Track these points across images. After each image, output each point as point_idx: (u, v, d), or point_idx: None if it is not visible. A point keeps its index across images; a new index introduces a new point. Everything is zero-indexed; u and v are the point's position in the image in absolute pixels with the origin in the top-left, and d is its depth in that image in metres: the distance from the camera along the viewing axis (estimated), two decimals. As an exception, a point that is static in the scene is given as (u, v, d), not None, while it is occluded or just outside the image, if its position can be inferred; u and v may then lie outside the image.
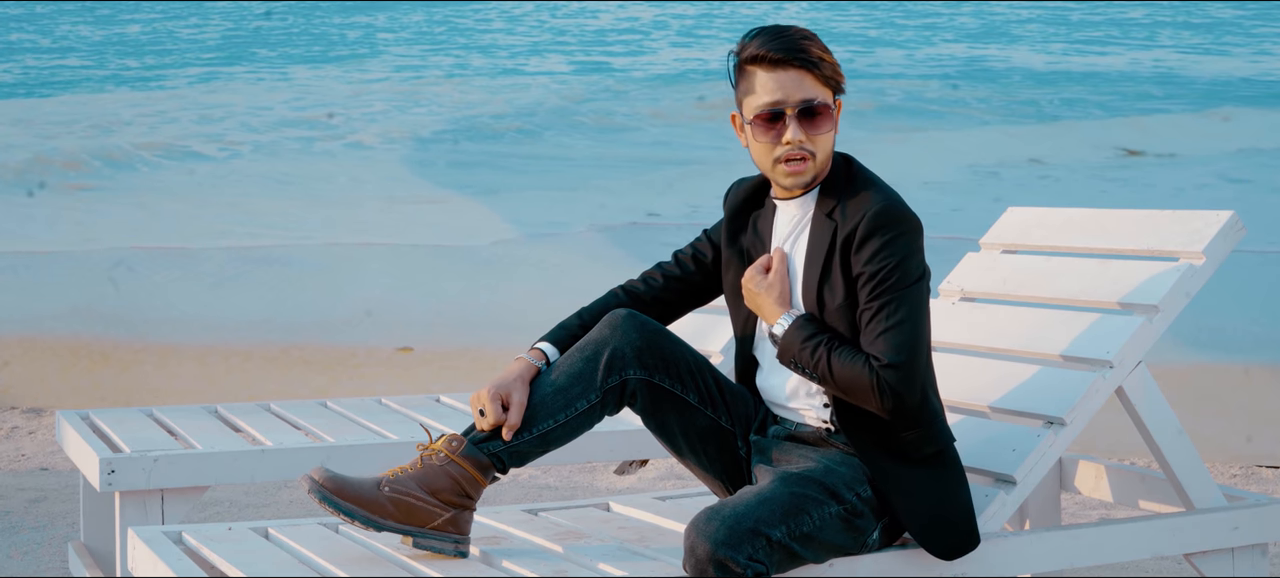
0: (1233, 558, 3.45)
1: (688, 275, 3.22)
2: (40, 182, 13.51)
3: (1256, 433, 6.52)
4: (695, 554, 2.74)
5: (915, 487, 2.97)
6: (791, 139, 2.96)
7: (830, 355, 2.91)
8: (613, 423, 3.83)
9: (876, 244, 2.91)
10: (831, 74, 2.98)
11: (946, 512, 2.98)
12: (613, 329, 3.01)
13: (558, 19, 24.38)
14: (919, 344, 2.91)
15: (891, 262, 2.91)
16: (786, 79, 2.96)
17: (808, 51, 2.96)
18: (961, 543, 3.01)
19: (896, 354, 2.88)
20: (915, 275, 2.93)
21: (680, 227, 11.22)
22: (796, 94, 2.96)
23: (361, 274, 10.27)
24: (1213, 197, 12.06)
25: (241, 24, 24.80)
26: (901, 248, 2.92)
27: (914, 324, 2.90)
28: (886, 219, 2.92)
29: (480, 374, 7.38)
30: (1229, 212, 3.43)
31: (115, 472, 3.69)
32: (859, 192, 2.97)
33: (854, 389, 2.90)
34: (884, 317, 2.89)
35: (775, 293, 2.99)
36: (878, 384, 2.88)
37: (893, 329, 2.89)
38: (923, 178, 12.89)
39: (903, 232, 2.92)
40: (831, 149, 3.02)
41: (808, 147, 2.97)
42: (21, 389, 7.46)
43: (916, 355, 2.90)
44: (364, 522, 2.88)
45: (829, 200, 3.00)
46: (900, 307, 2.89)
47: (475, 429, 2.98)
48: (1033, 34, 21.55)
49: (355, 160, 14.76)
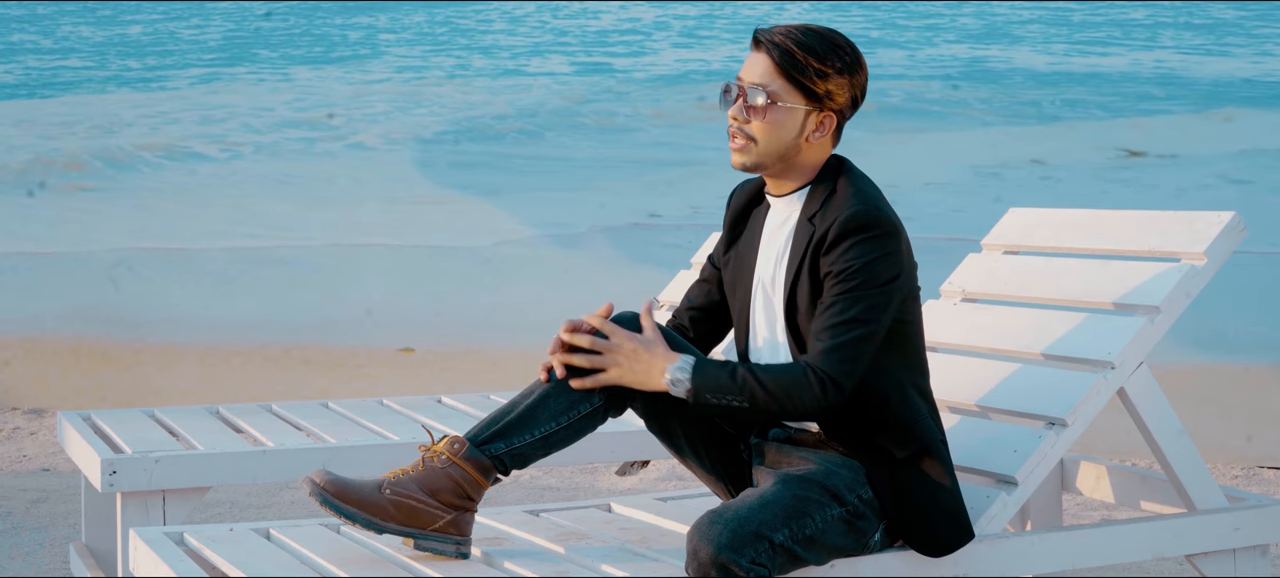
0: (1234, 559, 3.44)
1: (711, 303, 3.22)
2: (41, 182, 13.51)
3: (1258, 434, 6.52)
4: (698, 557, 2.73)
5: (899, 486, 2.97)
6: (733, 115, 3.00)
7: (752, 371, 2.89)
8: (614, 424, 3.82)
9: (844, 246, 2.90)
10: (803, 79, 2.97)
11: (931, 509, 2.97)
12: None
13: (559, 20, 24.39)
14: (862, 343, 2.87)
15: (856, 264, 2.89)
16: (753, 61, 3.01)
17: (780, 43, 2.97)
18: (950, 539, 3.01)
19: (833, 349, 2.86)
20: (883, 279, 2.89)
21: (681, 227, 11.22)
22: (749, 76, 3.00)
23: (363, 275, 10.28)
24: (1214, 197, 12.07)
25: (243, 25, 24.81)
26: (869, 250, 2.90)
27: (865, 324, 2.87)
28: (857, 223, 2.91)
29: (481, 375, 7.38)
30: (1231, 212, 3.43)
31: (117, 472, 3.69)
32: (841, 196, 2.96)
33: (789, 391, 2.87)
34: (834, 312, 2.88)
35: (659, 347, 2.93)
36: (811, 377, 2.86)
37: (838, 326, 2.87)
38: (924, 179, 12.89)
39: (873, 235, 2.90)
40: (786, 147, 2.99)
41: (747, 130, 2.99)
42: (23, 390, 7.46)
43: (857, 354, 2.87)
44: (365, 524, 2.88)
45: (814, 203, 3.00)
46: (853, 306, 2.87)
47: (476, 430, 2.97)
48: (1034, 35, 21.56)
49: (357, 161, 14.77)
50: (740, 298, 3.11)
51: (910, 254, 2.99)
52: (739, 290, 3.12)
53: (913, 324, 3.01)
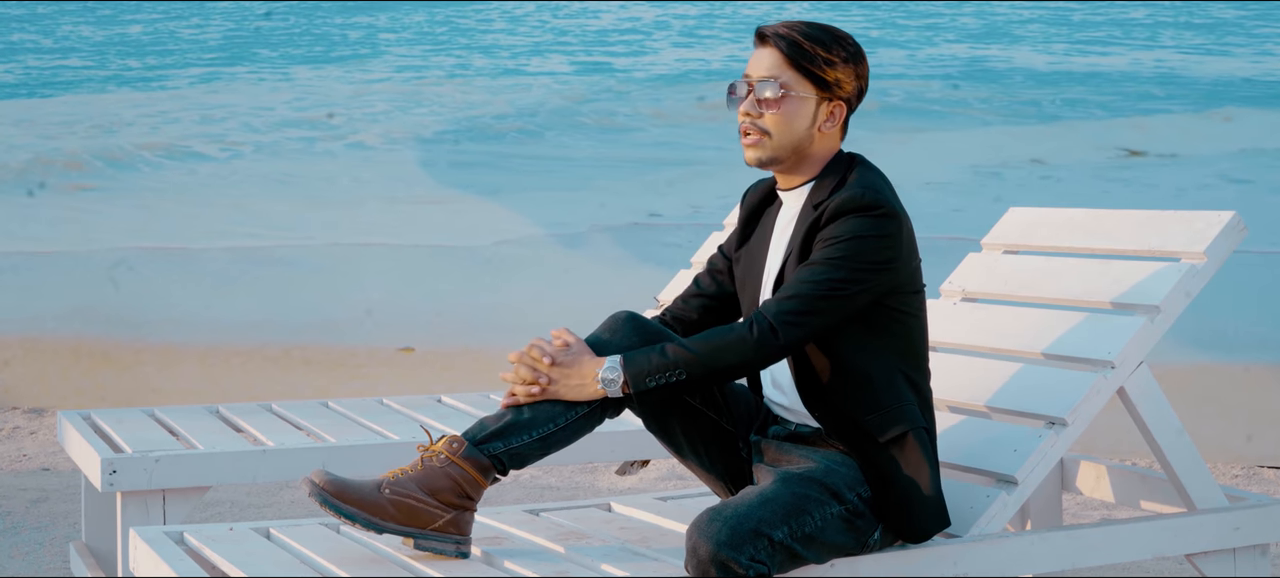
0: (1234, 559, 3.44)
1: (722, 290, 3.23)
2: (41, 182, 13.51)
3: (1258, 433, 6.52)
4: (697, 555, 2.74)
5: (879, 471, 2.97)
6: (745, 111, 3.02)
7: (681, 343, 2.91)
8: (614, 423, 3.84)
9: (839, 221, 2.92)
10: (812, 69, 3.00)
11: (908, 495, 2.98)
12: (613, 332, 3.02)
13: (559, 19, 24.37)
14: (818, 302, 2.88)
15: (844, 235, 2.91)
16: (760, 56, 3.03)
17: (787, 35, 3.00)
18: (927, 525, 3.01)
19: (785, 299, 2.88)
20: (868, 257, 2.90)
21: (682, 227, 11.22)
22: (758, 71, 3.02)
23: (363, 274, 10.27)
24: (1214, 197, 12.07)
25: (243, 24, 24.79)
26: (861, 227, 2.91)
27: (828, 291, 2.88)
28: (855, 203, 2.93)
29: (481, 375, 7.38)
30: (1231, 212, 3.43)
31: (117, 472, 3.69)
32: (846, 183, 2.98)
33: (721, 348, 2.89)
34: (804, 271, 2.91)
35: (585, 356, 2.94)
36: (745, 328, 2.88)
37: (801, 282, 2.90)
38: (924, 178, 12.89)
39: (870, 214, 2.92)
40: (799, 138, 3.02)
41: (761, 124, 3.01)
42: (23, 389, 7.46)
43: (807, 310, 2.88)
44: (365, 524, 2.88)
45: (821, 193, 3.01)
46: (825, 272, 2.89)
47: (475, 429, 2.97)
48: (1034, 34, 21.54)
49: (357, 160, 14.76)
50: (749, 293, 3.13)
51: (912, 246, 3.00)
52: (749, 286, 3.13)
53: (913, 318, 3.01)
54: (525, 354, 2.97)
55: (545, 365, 2.94)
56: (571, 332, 2.99)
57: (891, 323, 2.97)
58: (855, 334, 2.96)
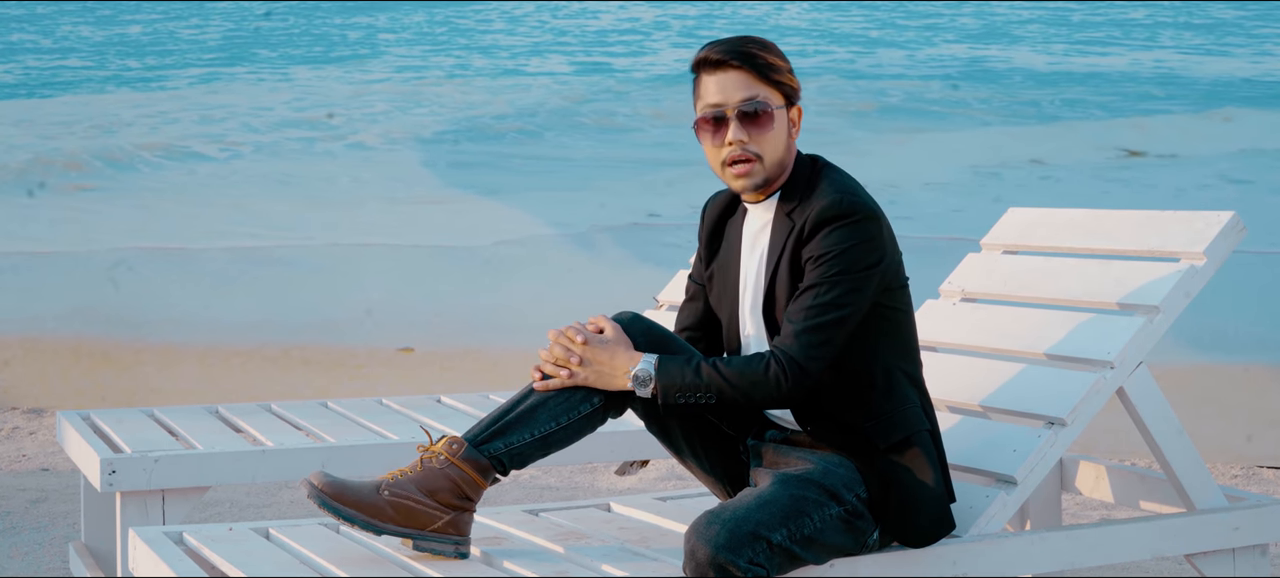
0: (1233, 559, 3.44)
1: (705, 319, 3.22)
2: (41, 182, 13.51)
3: (1257, 433, 6.52)
4: (695, 558, 2.73)
5: (883, 475, 2.97)
6: (733, 139, 2.97)
7: (715, 365, 2.89)
8: (614, 424, 3.81)
9: (824, 233, 2.91)
10: (778, 78, 2.99)
11: (914, 499, 2.97)
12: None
13: (559, 20, 24.38)
14: (834, 327, 2.88)
15: (835, 249, 2.90)
16: (727, 81, 2.98)
17: (749, 53, 2.97)
18: (931, 531, 3.01)
19: (803, 332, 2.87)
20: (862, 264, 2.90)
21: (681, 227, 11.22)
22: (737, 95, 2.97)
23: (362, 274, 10.27)
24: (1214, 197, 12.07)
25: (242, 24, 24.80)
26: (848, 235, 2.90)
27: (839, 309, 2.88)
28: (836, 210, 2.91)
29: (481, 375, 7.38)
30: (1230, 212, 3.43)
31: (116, 472, 3.69)
32: (818, 188, 2.96)
33: (754, 383, 2.88)
34: (809, 296, 2.90)
35: (621, 347, 2.94)
36: (772, 367, 2.87)
37: (811, 310, 2.88)
38: (924, 178, 12.89)
39: (853, 221, 2.91)
40: (783, 151, 3.01)
41: (752, 148, 2.98)
42: (22, 390, 7.46)
43: (827, 338, 2.88)
44: (364, 526, 2.88)
45: (790, 201, 3.00)
46: (829, 290, 2.88)
47: (474, 431, 2.97)
48: (1034, 34, 21.54)
49: (356, 161, 14.77)
50: (728, 308, 3.12)
51: (893, 242, 3.00)
52: (726, 301, 3.12)
53: (903, 312, 3.01)
54: (563, 332, 2.96)
55: (578, 344, 2.93)
56: (611, 320, 2.98)
57: (883, 321, 2.98)
58: (853, 337, 2.96)
